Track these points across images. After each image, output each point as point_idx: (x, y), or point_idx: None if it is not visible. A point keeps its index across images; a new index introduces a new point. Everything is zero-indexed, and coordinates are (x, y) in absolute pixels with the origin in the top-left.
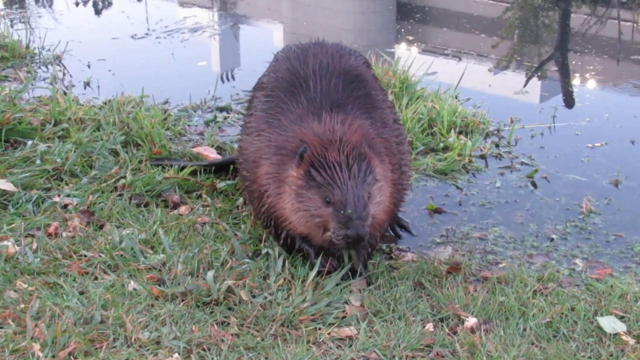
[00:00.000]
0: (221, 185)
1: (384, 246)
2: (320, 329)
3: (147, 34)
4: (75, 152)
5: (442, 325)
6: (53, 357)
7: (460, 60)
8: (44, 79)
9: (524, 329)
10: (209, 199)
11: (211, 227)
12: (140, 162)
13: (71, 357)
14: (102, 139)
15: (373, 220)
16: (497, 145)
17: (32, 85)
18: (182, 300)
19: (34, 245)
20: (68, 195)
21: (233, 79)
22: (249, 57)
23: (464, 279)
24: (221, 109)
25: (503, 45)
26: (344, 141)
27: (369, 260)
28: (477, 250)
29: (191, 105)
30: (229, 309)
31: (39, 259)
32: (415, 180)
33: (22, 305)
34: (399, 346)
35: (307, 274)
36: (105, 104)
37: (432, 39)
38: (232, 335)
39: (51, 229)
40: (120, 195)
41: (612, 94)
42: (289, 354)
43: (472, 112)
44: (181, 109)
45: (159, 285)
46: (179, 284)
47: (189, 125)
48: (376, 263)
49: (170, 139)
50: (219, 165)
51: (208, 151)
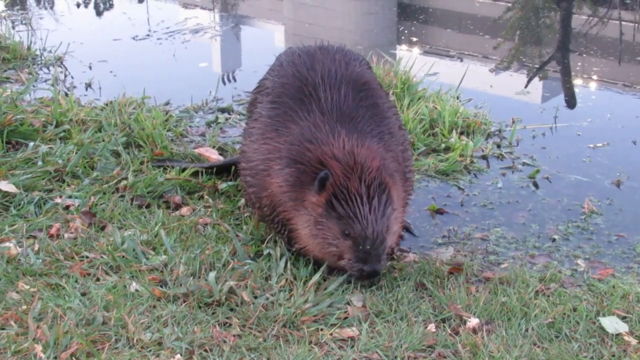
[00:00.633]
0: (223, 186)
1: None
2: (322, 329)
3: (148, 35)
4: (76, 153)
5: (444, 326)
6: (55, 358)
7: (461, 60)
8: (46, 81)
9: (526, 330)
10: (210, 200)
11: (213, 228)
12: (141, 163)
13: (73, 359)
14: (103, 140)
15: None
16: (499, 146)
17: (34, 86)
18: (184, 301)
19: (36, 247)
20: (70, 197)
21: (234, 80)
22: (250, 58)
23: (465, 280)
24: (222, 110)
25: (504, 45)
26: (365, 169)
27: None
28: (479, 251)
29: (192, 107)
30: (231, 309)
31: (40, 260)
32: (417, 181)
33: (24, 307)
34: (401, 347)
35: (309, 275)
36: (107, 105)
37: (434, 40)
38: (234, 336)
39: (53, 230)
40: (122, 196)
41: (613, 94)
42: (291, 354)
43: (474, 112)
44: (183, 110)
45: (161, 286)
46: (180, 285)
47: (190, 127)
48: None
49: (172, 140)
50: (220, 166)
51: (210, 152)
